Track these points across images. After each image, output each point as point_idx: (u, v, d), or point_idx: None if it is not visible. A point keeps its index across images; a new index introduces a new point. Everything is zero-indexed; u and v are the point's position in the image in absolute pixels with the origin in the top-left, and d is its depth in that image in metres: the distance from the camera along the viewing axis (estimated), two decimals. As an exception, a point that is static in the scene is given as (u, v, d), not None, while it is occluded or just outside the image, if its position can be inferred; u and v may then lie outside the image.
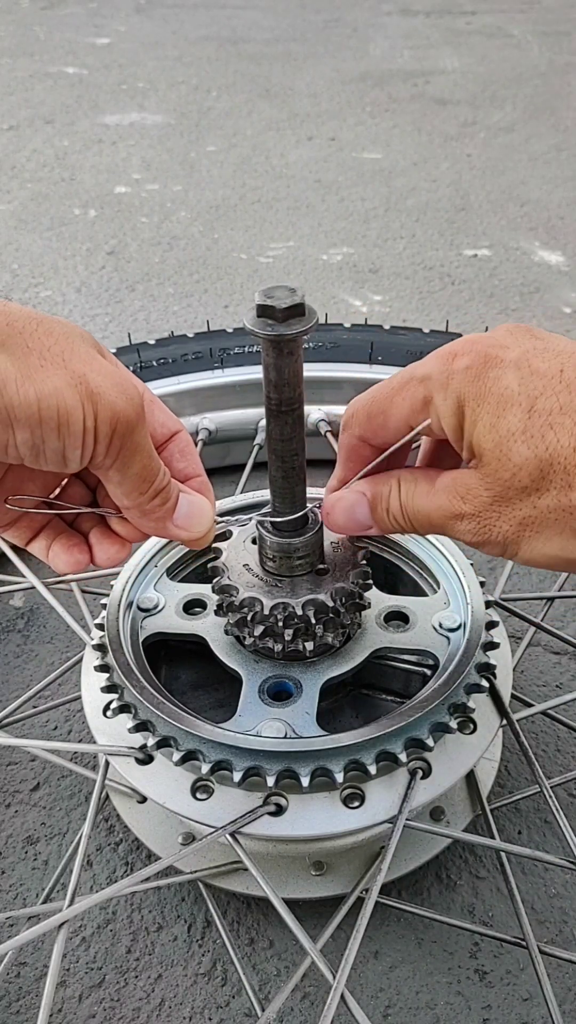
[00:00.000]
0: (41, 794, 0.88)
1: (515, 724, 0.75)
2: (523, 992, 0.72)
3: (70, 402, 0.49)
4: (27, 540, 0.63)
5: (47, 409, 0.48)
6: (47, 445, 0.50)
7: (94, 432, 0.51)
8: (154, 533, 0.62)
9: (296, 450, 0.66)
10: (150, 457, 0.55)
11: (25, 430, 0.49)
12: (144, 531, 0.62)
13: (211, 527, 0.64)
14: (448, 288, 1.77)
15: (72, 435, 0.50)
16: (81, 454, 0.51)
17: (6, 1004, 0.72)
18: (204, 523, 0.63)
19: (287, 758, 0.65)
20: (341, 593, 0.71)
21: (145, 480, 0.56)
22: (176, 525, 0.61)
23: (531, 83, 2.88)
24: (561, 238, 1.95)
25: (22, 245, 1.98)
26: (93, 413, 0.50)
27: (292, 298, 0.58)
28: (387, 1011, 0.71)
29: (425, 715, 0.67)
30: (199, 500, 0.63)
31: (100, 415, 0.50)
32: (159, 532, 0.61)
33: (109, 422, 0.51)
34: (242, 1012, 0.72)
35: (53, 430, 0.49)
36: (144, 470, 0.55)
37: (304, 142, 2.50)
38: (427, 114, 2.66)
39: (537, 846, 0.82)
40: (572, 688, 0.96)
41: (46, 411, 0.48)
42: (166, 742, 0.67)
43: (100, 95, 2.87)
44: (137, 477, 0.56)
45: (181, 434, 0.65)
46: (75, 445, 0.50)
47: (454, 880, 0.79)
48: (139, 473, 0.55)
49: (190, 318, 1.70)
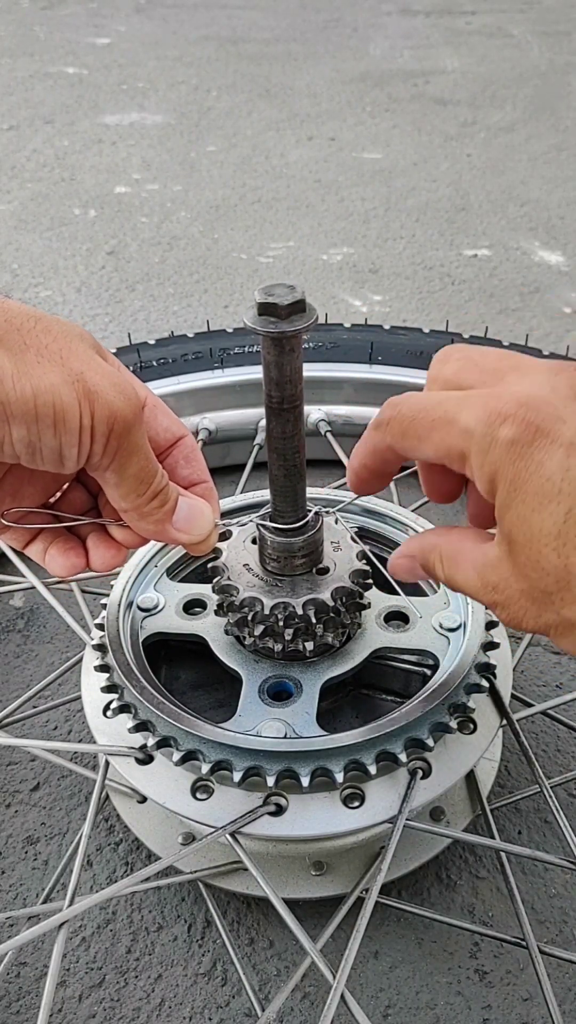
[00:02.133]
0: (41, 794, 0.88)
1: (515, 724, 0.75)
2: (523, 992, 0.72)
3: (66, 399, 0.49)
4: (25, 544, 0.63)
5: (43, 406, 0.48)
6: (43, 443, 0.50)
7: (91, 430, 0.50)
8: (153, 537, 0.61)
9: (297, 448, 0.66)
10: (147, 458, 0.55)
11: (21, 427, 0.49)
12: (143, 535, 0.61)
13: (212, 531, 0.64)
14: (448, 288, 1.77)
15: (69, 432, 0.50)
16: (78, 452, 0.51)
17: (6, 1004, 0.72)
18: (204, 526, 0.63)
19: (287, 758, 0.65)
20: (341, 593, 0.71)
21: (142, 482, 0.56)
22: (175, 528, 0.60)
23: (531, 83, 2.88)
24: (561, 238, 1.95)
25: (22, 245, 1.98)
26: (90, 411, 0.50)
27: (293, 295, 0.58)
28: (387, 1011, 0.71)
29: (425, 715, 0.67)
30: (199, 503, 0.62)
31: (97, 413, 0.50)
32: (158, 536, 0.61)
33: (106, 421, 0.51)
34: (242, 1012, 0.71)
35: (49, 427, 0.49)
36: (141, 471, 0.55)
37: (304, 142, 2.49)
38: (427, 114, 2.66)
39: (537, 846, 0.82)
40: (572, 688, 0.96)
41: (42, 407, 0.48)
42: (166, 742, 0.67)
43: (100, 95, 2.87)
44: (134, 478, 0.55)
45: (186, 439, 0.65)
46: (72, 443, 0.50)
47: (454, 880, 0.79)
48: (136, 474, 0.55)
49: (190, 318, 1.70)
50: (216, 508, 0.65)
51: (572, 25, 3.51)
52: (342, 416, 1.21)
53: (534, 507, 0.47)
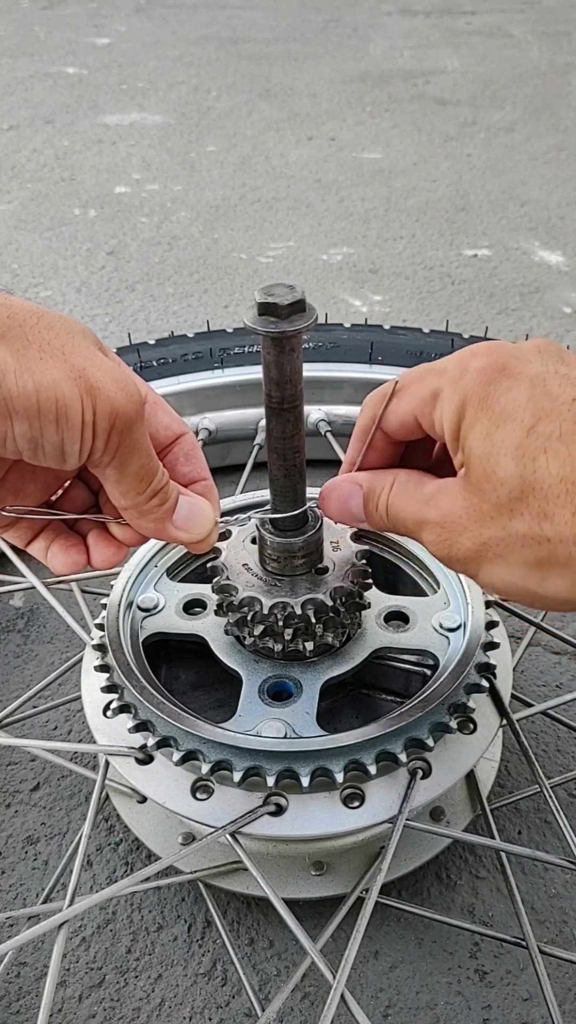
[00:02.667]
0: (41, 794, 0.88)
1: (515, 724, 0.75)
2: (523, 992, 0.72)
3: (68, 395, 0.49)
4: (27, 541, 0.63)
5: (45, 401, 0.48)
6: (45, 438, 0.50)
7: (92, 426, 0.51)
8: (153, 535, 0.61)
9: (297, 447, 0.66)
10: (148, 456, 0.55)
11: (24, 422, 0.49)
12: (143, 533, 0.62)
13: (212, 530, 0.64)
14: (448, 288, 1.77)
15: (70, 428, 0.50)
16: (80, 448, 0.51)
17: (6, 1004, 0.72)
18: (205, 525, 0.63)
19: (287, 758, 0.65)
20: (341, 592, 0.71)
21: (143, 480, 0.56)
22: (176, 527, 0.61)
23: (531, 83, 2.88)
24: (561, 238, 1.95)
25: (22, 245, 1.98)
26: (92, 407, 0.50)
27: (293, 295, 0.58)
28: (387, 1011, 0.71)
29: (425, 715, 0.67)
30: (199, 502, 0.62)
31: (99, 409, 0.50)
32: (158, 534, 0.61)
33: (108, 417, 0.51)
34: (242, 1012, 0.71)
35: (51, 422, 0.49)
36: (142, 469, 0.55)
37: (304, 142, 2.50)
38: (427, 114, 2.66)
39: (537, 846, 0.82)
40: (572, 688, 0.96)
41: (44, 403, 0.48)
42: (166, 742, 0.67)
43: (100, 95, 2.87)
44: (135, 476, 0.55)
45: (186, 437, 0.65)
46: (73, 439, 0.50)
47: (454, 880, 0.79)
48: (137, 472, 0.55)
49: (190, 318, 1.70)
50: (216, 506, 0.65)
51: (572, 25, 3.51)
52: (342, 416, 1.21)
53: (498, 423, 0.51)
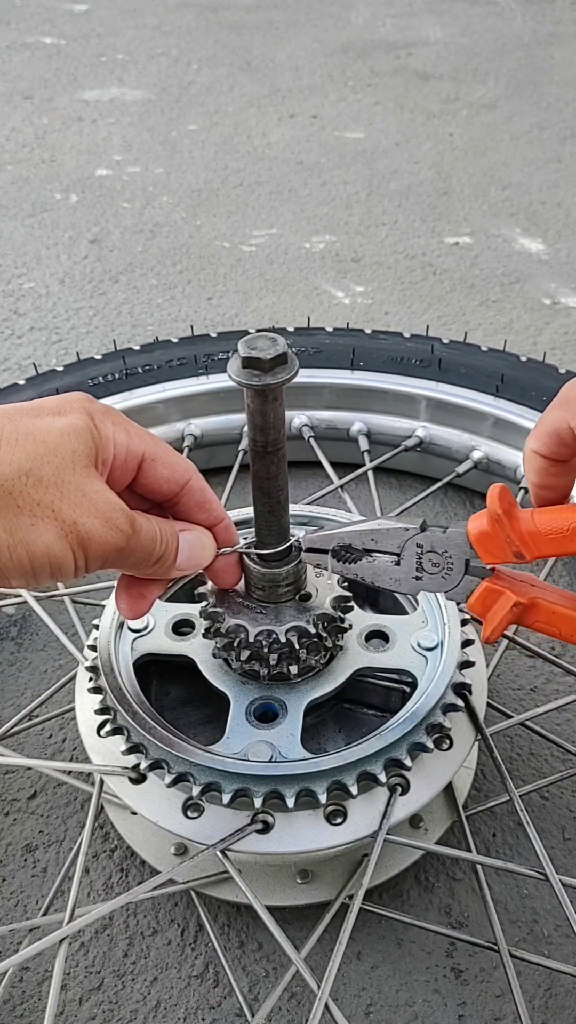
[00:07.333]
0: (38, 802, 0.92)
1: (489, 740, 0.79)
2: (496, 989, 0.77)
3: (61, 554, 0.52)
4: None
5: (40, 564, 0.52)
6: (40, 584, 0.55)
7: (85, 568, 0.55)
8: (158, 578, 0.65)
9: (281, 486, 0.69)
10: (144, 549, 0.58)
11: (20, 580, 0.53)
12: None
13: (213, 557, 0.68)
14: (430, 278, 1.79)
15: (65, 575, 0.54)
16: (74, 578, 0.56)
17: (10, 1008, 0.76)
18: (205, 557, 0.66)
19: (273, 781, 0.69)
20: (324, 618, 0.74)
21: (143, 564, 0.59)
22: (179, 569, 0.64)
23: (514, 55, 2.86)
24: (542, 224, 1.96)
25: (4, 232, 1.97)
26: (84, 556, 0.54)
27: (275, 348, 0.61)
28: (369, 1009, 0.76)
29: (404, 736, 0.71)
30: (197, 536, 0.65)
31: (91, 555, 0.54)
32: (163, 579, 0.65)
33: (100, 558, 0.55)
34: (233, 1012, 0.76)
35: (46, 577, 0.53)
36: (140, 561, 0.59)
37: (286, 120, 2.48)
38: (409, 89, 2.64)
39: (511, 848, 0.86)
40: (546, 691, 1.01)
41: (39, 566, 0.52)
42: (158, 764, 0.71)
43: (79, 68, 2.83)
44: (134, 567, 0.60)
45: (192, 482, 0.63)
46: (68, 579, 0.55)
47: (432, 882, 0.84)
48: (135, 564, 0.59)
49: (174, 311, 1.70)
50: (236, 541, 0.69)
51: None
52: (324, 420, 1.23)
53: None
